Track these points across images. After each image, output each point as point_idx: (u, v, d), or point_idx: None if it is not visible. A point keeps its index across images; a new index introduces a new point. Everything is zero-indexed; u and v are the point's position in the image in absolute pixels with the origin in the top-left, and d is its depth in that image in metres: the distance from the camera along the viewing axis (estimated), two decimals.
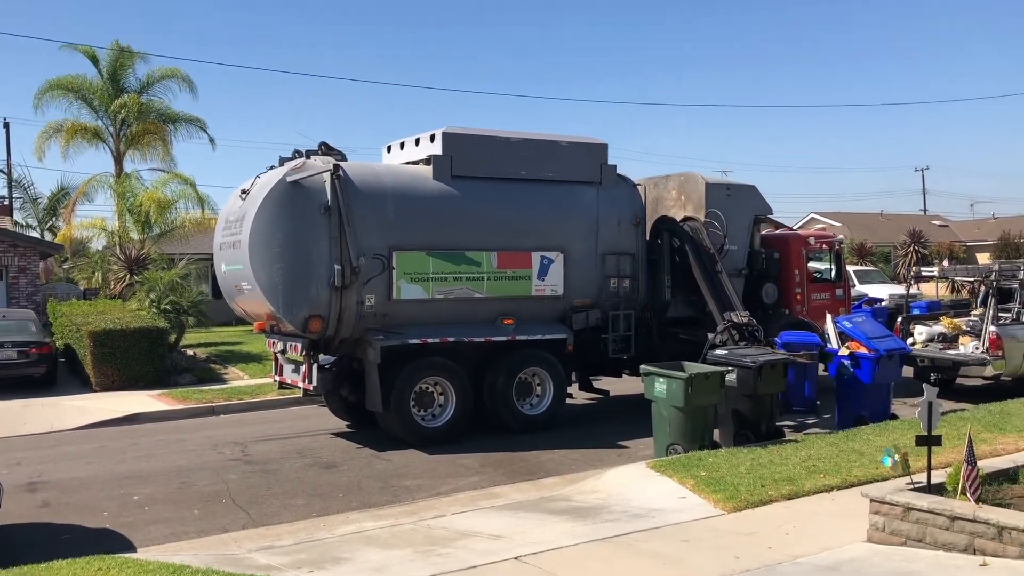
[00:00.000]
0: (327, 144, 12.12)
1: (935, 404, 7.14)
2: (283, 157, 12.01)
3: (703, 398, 10.11)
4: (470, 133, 12.62)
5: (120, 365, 16.95)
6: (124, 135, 28.57)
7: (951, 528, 6.28)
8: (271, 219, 11.14)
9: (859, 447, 9.73)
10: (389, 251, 11.58)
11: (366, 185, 11.62)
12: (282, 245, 11.11)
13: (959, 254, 45.16)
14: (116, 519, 8.68)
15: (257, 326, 12.41)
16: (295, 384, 12.39)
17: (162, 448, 12.18)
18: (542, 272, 12.61)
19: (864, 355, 11.61)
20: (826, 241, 16.78)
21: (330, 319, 11.38)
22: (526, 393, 12.63)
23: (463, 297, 12.10)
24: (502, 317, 12.36)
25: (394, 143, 13.52)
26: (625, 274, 13.37)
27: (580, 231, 13.00)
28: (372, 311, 11.56)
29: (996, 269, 15.35)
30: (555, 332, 12.72)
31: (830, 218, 48.83)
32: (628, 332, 13.42)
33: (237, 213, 11.80)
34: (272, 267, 11.12)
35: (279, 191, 11.17)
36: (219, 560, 6.93)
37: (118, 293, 22.86)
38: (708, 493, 8.23)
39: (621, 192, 13.60)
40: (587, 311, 13.00)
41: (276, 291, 11.17)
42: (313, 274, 11.20)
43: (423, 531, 7.68)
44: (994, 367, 13.92)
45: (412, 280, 11.73)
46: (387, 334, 11.57)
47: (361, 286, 11.40)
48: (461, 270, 12.04)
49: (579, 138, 13.48)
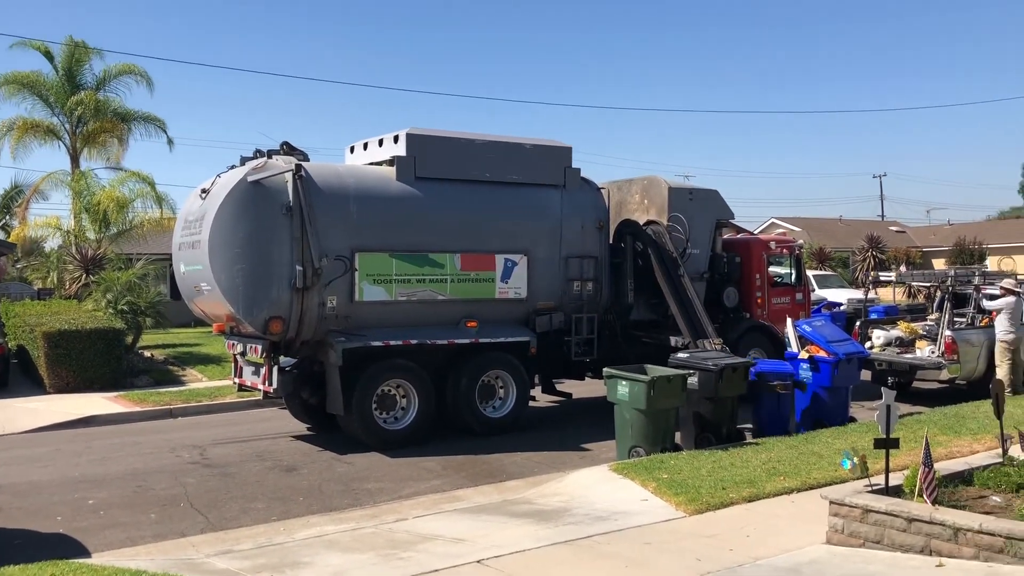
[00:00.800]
0: (289, 144, 11.97)
1: (893, 407, 7.23)
2: (244, 157, 11.85)
3: (665, 401, 10.15)
4: (434, 135, 12.55)
5: (75, 367, 16.63)
6: (80, 132, 28.08)
7: (908, 530, 6.36)
8: (231, 219, 10.99)
9: (818, 450, 9.84)
10: (351, 252, 11.48)
11: (328, 186, 11.51)
12: (242, 245, 10.96)
13: (916, 259, 45.89)
14: (70, 524, 8.49)
15: (216, 327, 12.21)
16: (255, 386, 12.24)
17: (118, 451, 11.96)
18: (506, 275, 12.59)
19: (823, 359, 11.74)
20: (787, 246, 16.94)
21: (291, 321, 11.25)
22: (489, 396, 12.58)
23: (426, 299, 12.04)
24: (465, 319, 12.30)
25: (357, 144, 13.41)
26: (588, 277, 13.37)
27: (544, 234, 13.00)
28: (334, 313, 11.44)
29: (952, 274, 15.65)
30: (518, 335, 12.69)
31: (790, 223, 49.36)
32: (591, 335, 13.42)
33: (197, 213, 11.62)
34: (232, 268, 10.97)
35: (240, 191, 11.02)
36: (176, 565, 6.82)
37: (74, 293, 22.44)
38: (670, 495, 8.26)
39: (585, 195, 13.62)
40: (550, 314, 12.99)
41: (236, 292, 11.02)
42: (274, 275, 11.06)
43: (384, 534, 7.62)
44: (950, 371, 14.16)
45: (375, 282, 11.64)
46: (349, 336, 11.47)
47: (323, 287, 11.28)
48: (424, 272, 11.98)
49: (543, 141, 13.45)
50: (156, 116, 29.40)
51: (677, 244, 14.16)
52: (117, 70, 28.65)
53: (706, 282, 15.00)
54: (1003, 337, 13.87)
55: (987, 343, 14.27)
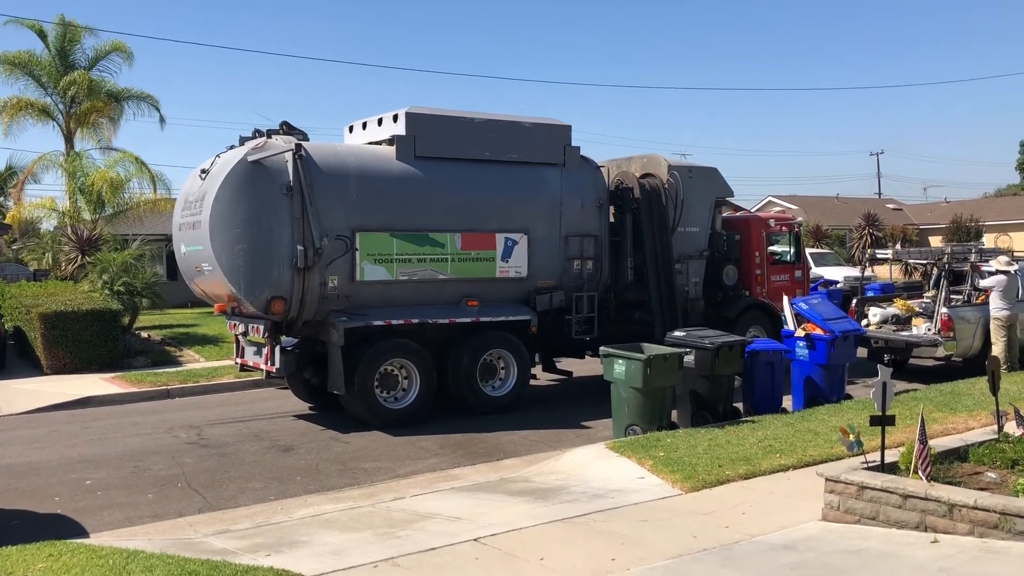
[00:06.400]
0: (288, 123, 11.94)
1: (889, 385, 7.23)
2: (243, 136, 11.83)
3: (662, 379, 10.16)
4: (434, 113, 12.54)
5: (72, 348, 16.62)
6: (74, 113, 27.91)
7: (903, 506, 6.39)
8: (232, 199, 10.99)
9: (814, 427, 9.86)
10: (352, 232, 11.48)
11: (328, 165, 11.50)
12: (243, 225, 10.97)
13: (912, 237, 45.91)
14: (68, 504, 8.51)
15: (218, 308, 12.27)
16: (257, 367, 12.24)
17: (115, 432, 11.97)
18: (506, 254, 12.61)
19: (820, 336, 11.74)
20: (786, 224, 16.99)
21: (292, 301, 11.27)
22: (490, 375, 12.62)
23: (427, 279, 12.04)
24: (466, 299, 12.32)
25: (356, 123, 13.37)
26: (588, 256, 13.39)
27: (544, 213, 13.00)
28: (335, 293, 11.47)
29: (948, 252, 15.64)
30: (519, 314, 12.72)
31: (787, 201, 49.38)
32: (591, 313, 13.45)
33: (197, 193, 11.59)
34: (233, 248, 10.98)
35: (240, 170, 11.01)
36: (174, 545, 6.83)
37: (70, 274, 22.37)
38: (666, 473, 8.28)
39: (584, 174, 13.60)
40: (551, 292, 13.01)
41: (238, 272, 11.02)
42: (275, 255, 11.07)
43: (382, 513, 7.64)
44: (945, 348, 14.19)
45: (376, 261, 11.64)
46: (351, 316, 11.49)
47: (324, 267, 11.30)
48: (425, 251, 11.98)
49: (542, 119, 13.42)
50: (149, 94, 29.20)
51: (670, 202, 14.28)
52: (108, 48, 28.46)
53: (706, 260, 15.05)
54: (996, 314, 13.90)
55: (983, 320, 14.29)
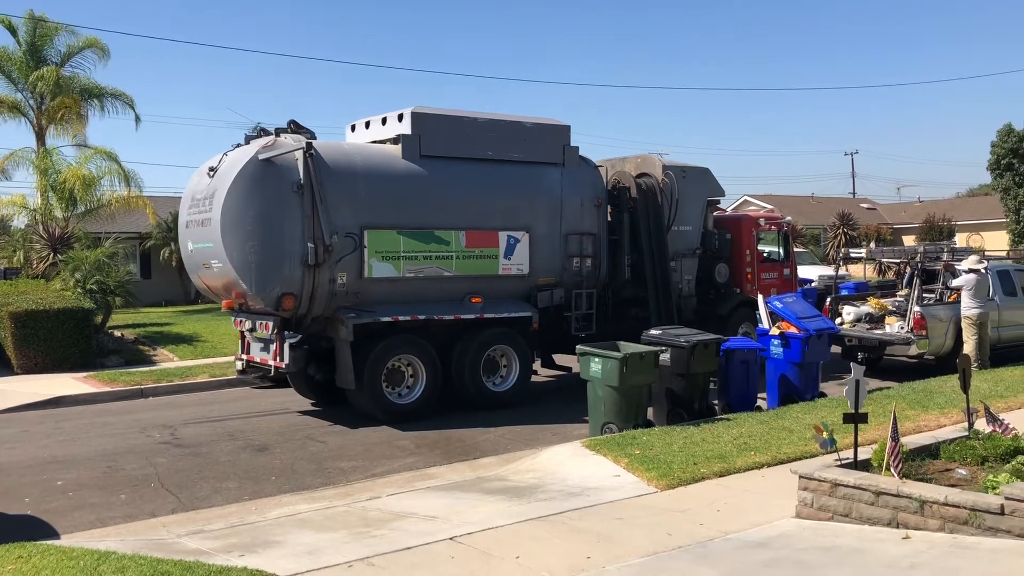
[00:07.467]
0: (296, 122, 12.05)
1: (862, 382, 7.28)
2: (248, 135, 12.02)
3: (638, 378, 10.19)
4: (439, 113, 12.71)
5: (43, 347, 16.45)
6: (46, 109, 27.56)
7: (876, 503, 6.44)
8: (243, 196, 11.05)
9: (789, 425, 9.93)
10: (361, 230, 11.59)
11: (337, 164, 11.62)
12: (254, 223, 11.05)
13: (886, 236, 46.34)
14: (38, 505, 8.41)
15: (225, 304, 12.30)
16: (264, 363, 12.22)
17: (87, 432, 11.85)
18: (509, 251, 12.79)
19: (794, 335, 11.82)
20: (775, 223, 17.35)
21: (303, 297, 11.35)
22: (493, 370, 12.81)
23: (433, 276, 12.18)
24: (470, 295, 12.49)
25: (359, 122, 13.51)
26: (587, 253, 13.64)
27: (545, 211, 13.21)
28: (344, 289, 11.56)
29: (921, 251, 15.84)
30: (521, 310, 12.91)
31: (763, 200, 49.63)
32: (590, 310, 13.70)
33: (206, 191, 11.63)
34: (245, 245, 11.05)
35: (251, 168, 11.08)
36: (147, 545, 6.76)
37: (41, 273, 22.14)
38: (642, 471, 8.31)
39: (583, 173, 13.85)
40: (551, 290, 13.24)
41: (249, 269, 11.09)
42: (286, 252, 11.16)
43: (357, 513, 7.61)
44: (918, 346, 14.34)
45: (383, 259, 11.76)
46: (359, 312, 11.62)
47: (333, 264, 11.40)
48: (431, 249, 12.13)
49: (543, 119, 13.68)
50: (123, 92, 28.83)
51: (666, 201, 14.58)
52: (82, 44, 28.07)
53: (698, 258, 15.41)
54: (967, 313, 14.05)
55: (955, 319, 14.45)
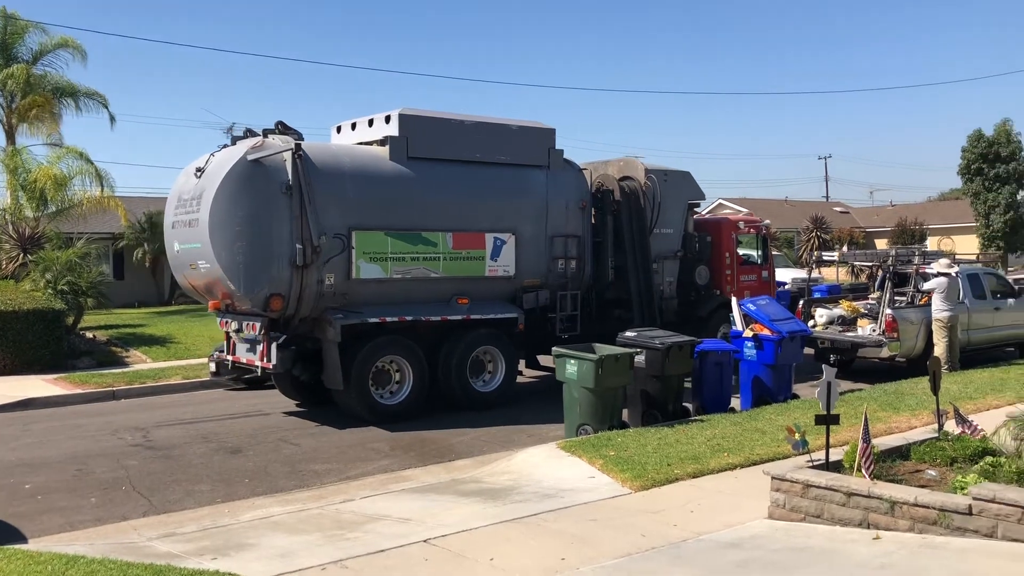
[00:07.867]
0: (284, 123, 12.04)
1: (834, 384, 7.35)
2: (235, 136, 12.01)
3: (613, 379, 10.22)
4: (426, 115, 12.74)
5: (13, 348, 16.24)
6: (16, 107, 27.23)
7: (847, 504, 6.50)
8: (232, 197, 11.01)
9: (762, 426, 10.00)
10: (348, 231, 11.60)
11: (325, 165, 11.61)
12: (243, 224, 11.01)
13: (859, 240, 46.79)
14: (5, 509, 8.27)
15: (212, 305, 12.23)
16: (251, 363, 12.15)
17: (58, 434, 11.70)
18: (495, 253, 12.86)
19: (767, 337, 11.91)
20: (754, 226, 17.54)
21: (291, 298, 11.33)
22: (479, 371, 12.86)
23: (420, 277, 12.21)
24: (457, 297, 12.54)
25: (344, 123, 13.50)
26: (572, 255, 13.77)
27: (530, 213, 13.30)
28: (332, 290, 11.56)
29: (893, 254, 16.03)
30: (507, 311, 12.99)
31: (737, 203, 49.93)
32: (574, 312, 13.82)
33: (193, 191, 11.57)
34: (233, 246, 11.01)
35: (240, 169, 11.05)
36: (117, 549, 6.69)
37: (10, 273, 21.83)
38: (616, 472, 8.33)
39: (568, 176, 13.96)
40: (537, 291, 13.35)
41: (237, 269, 11.05)
42: (274, 253, 11.14)
43: (331, 515, 7.57)
44: (890, 348, 14.49)
45: (371, 260, 11.78)
46: (347, 313, 11.62)
47: (322, 265, 11.39)
48: (418, 250, 12.17)
49: (528, 122, 13.80)
50: (97, 92, 28.55)
51: (649, 203, 14.73)
52: (54, 43, 27.77)
53: (679, 260, 15.61)
54: (937, 316, 14.22)
55: (926, 321, 14.61)
